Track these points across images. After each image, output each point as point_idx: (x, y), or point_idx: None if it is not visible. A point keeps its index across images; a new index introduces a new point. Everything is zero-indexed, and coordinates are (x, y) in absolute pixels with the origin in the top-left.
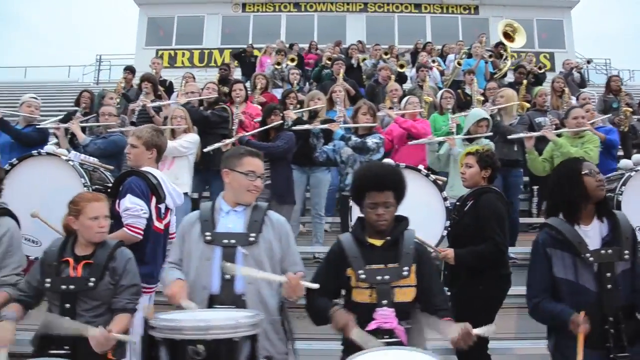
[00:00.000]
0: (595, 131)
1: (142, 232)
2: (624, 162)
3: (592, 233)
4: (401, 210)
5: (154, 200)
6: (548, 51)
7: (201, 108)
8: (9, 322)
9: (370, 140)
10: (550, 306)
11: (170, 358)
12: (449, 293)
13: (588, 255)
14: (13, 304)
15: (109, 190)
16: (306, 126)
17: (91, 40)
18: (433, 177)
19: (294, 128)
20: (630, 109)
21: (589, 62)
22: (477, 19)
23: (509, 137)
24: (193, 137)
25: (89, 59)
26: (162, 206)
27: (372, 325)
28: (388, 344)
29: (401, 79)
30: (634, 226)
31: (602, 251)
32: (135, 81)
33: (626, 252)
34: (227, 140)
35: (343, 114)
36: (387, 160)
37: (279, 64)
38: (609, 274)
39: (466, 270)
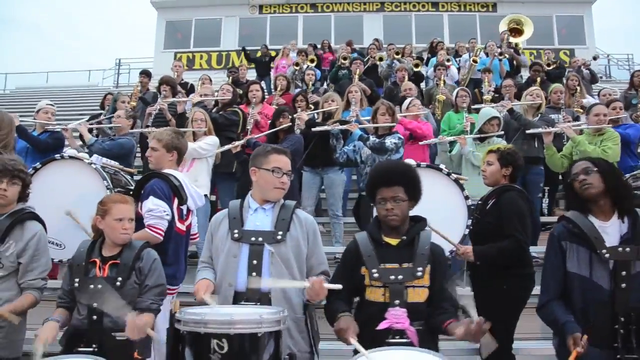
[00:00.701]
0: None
1: (163, 234)
2: None
3: (611, 229)
4: (423, 210)
5: (175, 201)
6: (568, 47)
7: (215, 109)
8: (53, 322)
9: (389, 141)
10: (558, 312)
11: (194, 351)
12: (471, 293)
13: (604, 251)
14: (60, 309)
15: (131, 192)
16: (325, 127)
17: (110, 44)
18: (454, 176)
19: (313, 129)
20: None
21: (595, 58)
22: (495, 16)
23: (528, 131)
24: (213, 140)
25: (109, 63)
26: (184, 208)
27: (383, 325)
28: (399, 344)
29: (417, 78)
30: None
31: (620, 249)
32: (152, 84)
33: None
34: (237, 142)
35: (356, 113)
36: (408, 160)
37: (298, 64)
38: (624, 273)
39: (489, 270)
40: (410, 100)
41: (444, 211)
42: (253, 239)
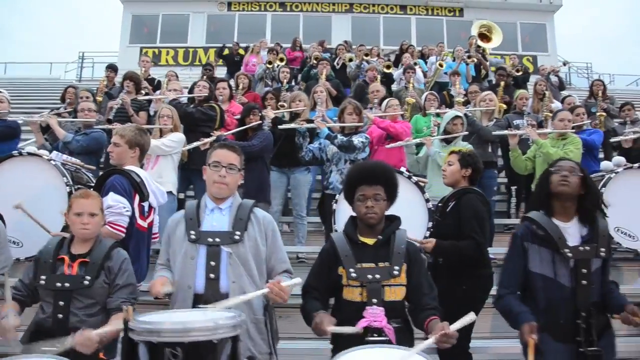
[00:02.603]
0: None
1: (124, 230)
2: (605, 164)
3: (572, 230)
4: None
5: (137, 198)
6: (531, 54)
7: (191, 106)
8: (12, 315)
9: (357, 139)
10: (513, 304)
11: None
12: None
13: (567, 250)
14: (11, 302)
15: (91, 189)
16: (292, 125)
17: (74, 38)
18: (415, 178)
19: (280, 127)
20: (604, 114)
21: (565, 64)
22: (461, 21)
23: (494, 133)
24: (178, 137)
25: (72, 57)
26: (146, 204)
27: (361, 324)
28: (376, 342)
29: (388, 80)
30: (613, 227)
31: (581, 247)
32: (118, 79)
33: (602, 249)
34: (206, 140)
35: (322, 113)
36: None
37: (270, 63)
38: (584, 270)
39: (449, 271)
40: (388, 101)
41: (405, 213)
42: (210, 240)
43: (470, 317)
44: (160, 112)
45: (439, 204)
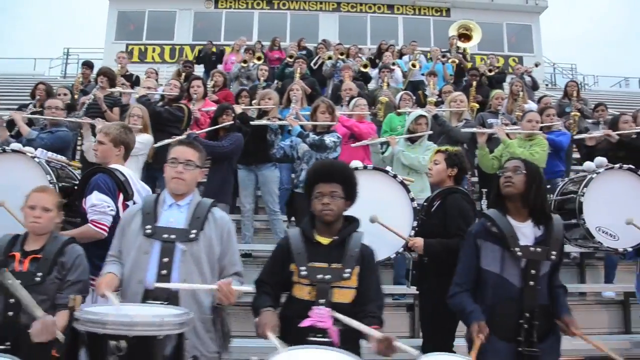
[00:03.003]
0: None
1: (107, 229)
2: (587, 164)
3: (527, 230)
4: (370, 211)
5: (121, 197)
6: (517, 55)
7: (160, 104)
8: None
9: (328, 139)
10: (465, 302)
11: (91, 352)
12: (417, 292)
13: (517, 249)
14: None
15: (75, 187)
16: (264, 121)
17: (59, 35)
18: (401, 177)
19: (252, 123)
20: (578, 114)
21: (536, 65)
22: (448, 21)
23: (464, 130)
24: (145, 138)
25: (56, 53)
26: (130, 203)
27: (306, 323)
28: (318, 343)
29: (365, 79)
30: (595, 226)
31: (532, 248)
32: (94, 76)
33: (554, 252)
34: (176, 138)
35: (296, 111)
36: (354, 162)
37: (245, 62)
38: (534, 272)
39: (434, 270)
40: (356, 100)
41: (391, 212)
42: (165, 236)
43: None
44: (130, 111)
45: (424, 203)
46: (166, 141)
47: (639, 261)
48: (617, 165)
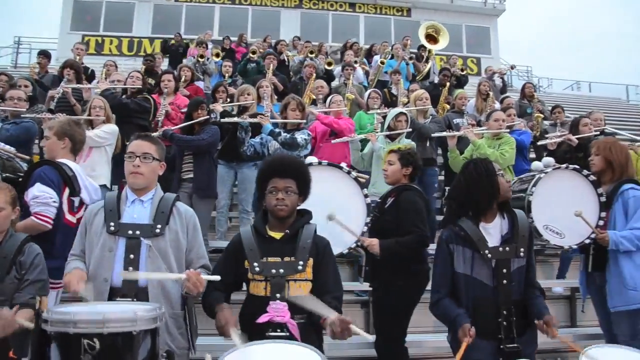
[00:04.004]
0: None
1: (51, 221)
2: (535, 164)
3: (493, 230)
4: (323, 207)
5: (66, 191)
6: (475, 56)
7: (124, 97)
8: None
9: (300, 137)
10: (448, 308)
11: (62, 352)
12: (370, 288)
13: (487, 252)
14: None
15: (19, 179)
16: (235, 119)
17: (9, 21)
18: (354, 174)
19: (222, 120)
20: (542, 115)
21: (512, 67)
22: (409, 21)
23: (433, 134)
24: (110, 128)
25: (7, 41)
26: (76, 199)
27: (263, 318)
28: (278, 337)
29: (329, 77)
30: (542, 224)
31: (500, 248)
32: (52, 66)
33: (522, 249)
34: (152, 134)
35: (269, 108)
36: (310, 158)
37: (202, 56)
38: (504, 270)
39: (387, 267)
40: (332, 97)
41: (344, 208)
42: (130, 232)
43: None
44: (91, 102)
45: (379, 200)
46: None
47: (583, 258)
48: (564, 165)
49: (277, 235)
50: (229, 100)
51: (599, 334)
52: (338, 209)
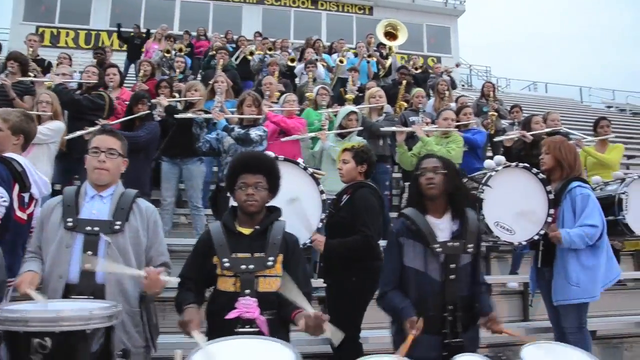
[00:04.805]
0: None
1: None
2: (487, 162)
3: (444, 226)
4: (279, 202)
5: (16, 188)
6: (436, 55)
7: (78, 92)
8: None
9: (254, 133)
10: (396, 300)
11: (11, 353)
12: (324, 285)
13: (436, 246)
14: None
15: None
16: (190, 114)
17: None
18: (311, 170)
19: (177, 116)
20: (496, 114)
21: (457, 65)
22: (371, 19)
23: (383, 129)
24: (56, 125)
25: None
26: (26, 195)
27: (232, 314)
28: (247, 333)
29: (292, 73)
30: (493, 221)
31: (449, 243)
32: (1, 57)
33: (470, 245)
34: (90, 129)
35: (220, 104)
36: (267, 153)
37: (168, 51)
38: (453, 265)
39: (340, 263)
40: (286, 96)
41: (300, 204)
42: (88, 228)
43: (338, 335)
44: (38, 97)
45: (335, 197)
46: (78, 133)
47: (534, 253)
48: (514, 164)
49: (246, 231)
50: (177, 95)
51: (550, 327)
52: (293, 204)
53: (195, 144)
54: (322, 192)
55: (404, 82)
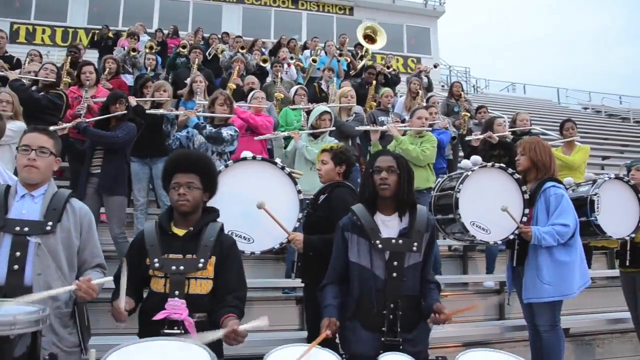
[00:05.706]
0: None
1: None
2: (464, 162)
3: (392, 224)
4: (257, 201)
5: None
6: (416, 56)
7: (33, 88)
8: None
9: (226, 132)
10: (326, 296)
11: None
12: (302, 284)
13: (378, 242)
14: None
15: None
16: (161, 111)
17: None
18: (288, 170)
19: (147, 112)
20: (468, 114)
21: (435, 66)
22: (351, 19)
23: (358, 128)
24: (17, 125)
25: None
26: None
27: (159, 315)
28: (172, 335)
29: (262, 73)
30: (469, 221)
31: (393, 240)
32: None
33: (415, 244)
34: (65, 125)
35: (203, 104)
36: (245, 152)
37: (134, 50)
38: (396, 263)
39: (317, 262)
40: (254, 93)
41: (277, 203)
42: (17, 228)
43: (262, 322)
44: None
45: (312, 196)
46: (52, 128)
47: (509, 252)
48: (490, 164)
49: (180, 232)
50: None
51: (525, 325)
52: (271, 204)
53: (165, 143)
54: (299, 191)
55: (374, 82)
